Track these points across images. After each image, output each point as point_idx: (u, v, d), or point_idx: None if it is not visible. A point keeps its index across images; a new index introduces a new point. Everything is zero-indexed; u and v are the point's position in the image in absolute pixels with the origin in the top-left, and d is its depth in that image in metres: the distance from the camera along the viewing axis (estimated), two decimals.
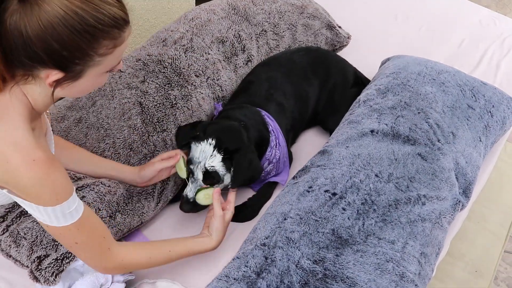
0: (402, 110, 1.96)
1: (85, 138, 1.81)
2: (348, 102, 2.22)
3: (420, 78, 2.11)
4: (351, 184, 1.69)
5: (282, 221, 1.62)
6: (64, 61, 1.13)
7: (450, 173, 1.83)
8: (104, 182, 1.71)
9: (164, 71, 2.01)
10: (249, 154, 1.80)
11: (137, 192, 1.79)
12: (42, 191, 1.18)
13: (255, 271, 1.49)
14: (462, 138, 1.95)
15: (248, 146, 1.81)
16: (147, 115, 1.89)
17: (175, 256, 1.55)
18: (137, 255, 1.47)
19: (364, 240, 1.56)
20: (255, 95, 2.11)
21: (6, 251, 1.59)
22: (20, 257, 1.56)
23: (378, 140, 1.86)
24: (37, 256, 1.53)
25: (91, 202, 1.64)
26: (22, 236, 1.55)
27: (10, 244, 1.56)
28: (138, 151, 1.84)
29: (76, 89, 1.22)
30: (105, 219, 1.67)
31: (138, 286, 1.68)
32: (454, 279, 2.44)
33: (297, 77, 2.22)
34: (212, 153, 1.75)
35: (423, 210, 1.68)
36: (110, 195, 1.70)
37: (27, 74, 1.16)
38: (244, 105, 2.02)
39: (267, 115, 1.99)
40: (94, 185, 1.68)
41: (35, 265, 1.52)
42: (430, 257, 1.65)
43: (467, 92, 2.10)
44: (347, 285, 1.45)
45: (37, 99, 1.22)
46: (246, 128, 1.86)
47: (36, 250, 1.53)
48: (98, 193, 1.67)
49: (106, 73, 1.25)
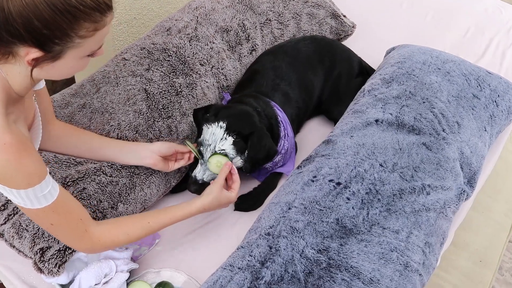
0: (407, 99, 1.96)
1: (89, 122, 1.81)
2: (353, 91, 2.22)
3: (425, 68, 2.10)
4: (356, 174, 1.69)
5: (287, 211, 1.62)
6: (44, 39, 1.13)
7: (455, 163, 1.82)
8: (106, 171, 1.71)
9: (168, 59, 2.01)
10: (264, 137, 1.82)
11: (141, 181, 1.78)
12: (13, 175, 1.19)
13: (259, 260, 1.49)
14: (467, 128, 1.94)
15: (262, 129, 1.83)
16: (152, 101, 1.89)
17: (156, 226, 1.54)
18: (115, 233, 1.46)
19: (369, 229, 1.56)
20: (262, 85, 2.11)
21: (9, 242, 1.59)
22: (23, 248, 1.57)
23: (382, 130, 1.86)
24: (40, 248, 1.53)
25: (92, 193, 1.64)
26: (24, 228, 1.56)
27: (13, 235, 1.57)
28: (144, 135, 1.84)
29: (55, 71, 1.22)
30: (107, 210, 1.67)
31: (142, 275, 1.69)
32: (459, 268, 2.44)
33: (302, 66, 2.21)
34: (222, 136, 1.75)
35: (427, 199, 1.68)
36: (111, 186, 1.70)
37: (7, 52, 1.16)
38: (255, 94, 2.02)
39: (275, 105, 1.99)
40: (95, 175, 1.68)
41: (38, 257, 1.53)
42: (434, 246, 1.65)
43: (472, 81, 2.09)
44: (351, 275, 1.46)
45: (16, 79, 1.23)
46: (259, 114, 1.88)
47: (38, 242, 1.54)
48: (100, 184, 1.67)
49: (87, 58, 1.25)
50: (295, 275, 1.45)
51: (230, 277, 1.46)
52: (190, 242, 1.82)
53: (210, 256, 1.74)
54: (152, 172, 1.81)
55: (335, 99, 2.28)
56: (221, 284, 1.45)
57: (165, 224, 1.57)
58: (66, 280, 1.57)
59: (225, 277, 1.47)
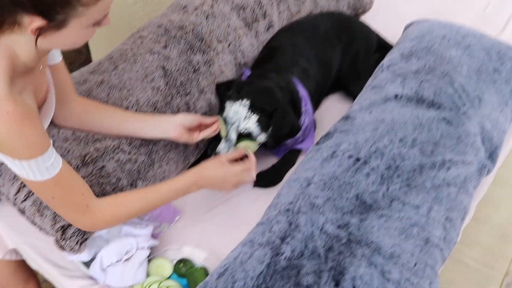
0: (426, 74, 1.94)
1: (107, 98, 1.80)
2: (371, 67, 2.20)
3: (445, 42, 2.07)
4: (375, 149, 1.68)
5: (306, 187, 1.62)
6: (46, 7, 1.12)
7: (476, 138, 1.80)
8: (125, 148, 1.71)
9: (185, 37, 2.01)
10: (287, 113, 1.84)
11: (159, 157, 1.79)
12: (15, 144, 1.19)
13: (279, 236, 1.49)
14: (488, 102, 1.92)
15: (285, 105, 1.84)
16: (170, 78, 1.89)
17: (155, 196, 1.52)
18: (115, 207, 1.46)
19: (389, 205, 1.56)
20: (281, 62, 2.10)
21: (31, 219, 1.61)
22: (44, 226, 1.59)
23: (402, 105, 1.84)
24: (61, 226, 1.55)
25: (112, 171, 1.65)
26: (45, 206, 1.57)
27: (34, 213, 1.59)
28: (162, 111, 1.84)
29: (60, 40, 1.21)
30: (126, 187, 1.68)
31: (163, 252, 1.70)
32: (480, 243, 2.43)
33: (320, 43, 2.20)
34: (246, 115, 1.76)
35: (448, 175, 1.67)
36: (130, 164, 1.71)
37: (13, 22, 1.16)
38: (276, 69, 2.02)
39: (296, 81, 1.99)
40: (114, 153, 1.69)
41: (60, 235, 1.54)
42: (455, 221, 1.64)
43: (493, 55, 2.06)
44: (371, 250, 1.45)
45: (23, 50, 1.22)
46: (281, 89, 1.88)
47: (59, 220, 1.55)
48: (118, 162, 1.68)
49: (93, 27, 1.23)
50: (315, 250, 1.45)
51: (250, 253, 1.47)
52: (211, 219, 1.83)
53: (230, 233, 1.75)
54: (170, 148, 1.82)
55: (354, 75, 2.27)
56: (242, 260, 1.46)
57: (164, 195, 1.54)
58: (88, 257, 1.59)
59: (246, 253, 1.47)
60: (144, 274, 1.59)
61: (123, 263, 1.56)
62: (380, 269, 1.42)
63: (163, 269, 1.65)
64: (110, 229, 1.63)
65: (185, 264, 1.66)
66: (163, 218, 1.80)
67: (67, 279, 1.62)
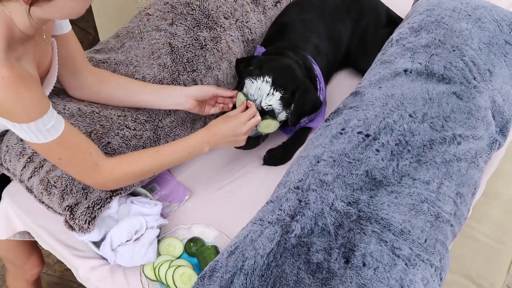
0: (436, 48, 1.91)
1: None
2: (381, 42, 2.17)
3: (455, 15, 2.04)
4: (385, 125, 1.67)
5: (315, 164, 1.61)
6: None
7: (487, 112, 1.78)
8: (129, 125, 1.71)
9: (192, 13, 1.99)
10: (309, 90, 1.84)
11: (165, 133, 1.79)
12: (13, 108, 1.22)
13: (289, 214, 1.49)
14: (499, 76, 1.89)
15: (306, 82, 1.84)
16: (177, 55, 1.88)
17: (166, 155, 1.56)
18: (126, 165, 1.49)
19: (399, 181, 1.55)
20: (293, 39, 2.09)
21: (38, 198, 1.62)
22: (52, 205, 1.59)
23: (411, 80, 1.82)
24: (68, 205, 1.55)
25: (117, 148, 1.65)
26: (53, 185, 1.58)
27: (42, 192, 1.59)
28: None
29: (54, 10, 1.22)
30: None
31: (173, 231, 1.70)
32: (491, 218, 2.41)
33: (330, 17, 2.18)
34: (269, 91, 1.75)
35: (458, 149, 1.65)
36: (135, 139, 1.70)
37: None
38: (293, 46, 2.01)
39: (311, 58, 1.97)
40: (119, 129, 1.68)
41: (68, 214, 1.55)
42: (466, 197, 1.63)
43: (504, 27, 2.02)
44: (381, 226, 1.45)
45: (19, 18, 1.24)
46: (300, 66, 1.88)
47: (67, 198, 1.56)
48: (123, 138, 1.68)
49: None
50: (325, 228, 1.44)
51: (260, 231, 1.47)
52: (220, 197, 1.83)
53: (240, 211, 1.75)
54: (176, 125, 1.83)
55: (363, 50, 2.24)
56: (252, 238, 1.46)
57: (176, 154, 1.58)
58: (98, 237, 1.60)
59: (255, 232, 1.47)
60: (154, 253, 1.60)
61: (133, 242, 1.57)
62: (390, 246, 1.42)
63: (174, 248, 1.65)
64: (120, 209, 1.64)
65: (196, 243, 1.66)
66: (172, 197, 1.80)
67: (78, 260, 1.64)
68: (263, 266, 1.38)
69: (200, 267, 1.62)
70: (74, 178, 1.55)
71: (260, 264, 1.38)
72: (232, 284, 1.37)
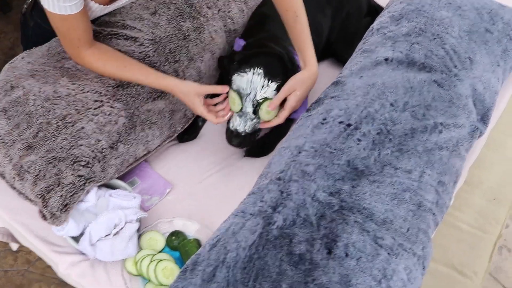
0: (417, 36, 1.90)
1: None
2: (362, 31, 2.15)
3: (435, 3, 2.03)
4: (366, 114, 1.66)
5: (297, 155, 1.60)
6: None
7: (468, 100, 1.78)
8: (106, 111, 1.68)
9: (175, 2, 1.96)
10: None
11: (141, 121, 1.76)
12: None
13: (271, 205, 1.48)
14: (480, 63, 1.89)
15: (295, 71, 1.82)
16: (159, 45, 1.85)
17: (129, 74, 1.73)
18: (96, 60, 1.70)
19: (380, 170, 1.54)
20: (273, 30, 2.06)
21: (10, 183, 1.61)
22: (24, 190, 1.58)
23: (392, 69, 1.81)
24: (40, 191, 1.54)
25: (91, 133, 1.63)
26: (26, 170, 1.56)
27: (14, 177, 1.58)
28: None
29: None
30: (106, 150, 1.65)
31: (154, 225, 1.69)
32: (473, 207, 2.42)
33: (310, 8, 2.14)
34: (264, 83, 1.72)
35: (440, 138, 1.65)
36: (110, 125, 1.67)
37: None
38: (273, 38, 1.99)
39: (292, 50, 1.96)
40: (94, 115, 1.66)
41: (41, 201, 1.53)
42: (447, 185, 1.63)
43: (484, 15, 2.02)
44: (364, 216, 1.44)
45: None
46: (285, 57, 1.87)
47: (39, 184, 1.54)
48: (97, 124, 1.65)
49: None
50: (307, 218, 1.43)
51: (242, 224, 1.46)
52: (202, 190, 1.82)
53: (222, 204, 1.74)
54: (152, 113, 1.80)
55: (344, 40, 2.23)
56: (234, 230, 1.44)
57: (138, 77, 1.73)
58: (77, 232, 1.58)
59: (237, 224, 1.46)
60: (134, 247, 1.58)
61: (112, 237, 1.55)
62: (373, 236, 1.41)
63: (156, 242, 1.64)
64: (98, 202, 1.62)
65: (178, 237, 1.65)
66: (153, 191, 1.78)
67: (58, 256, 1.61)
68: (245, 258, 1.37)
69: (182, 260, 1.61)
70: (48, 164, 1.55)
71: (242, 257, 1.37)
72: (214, 277, 1.35)
